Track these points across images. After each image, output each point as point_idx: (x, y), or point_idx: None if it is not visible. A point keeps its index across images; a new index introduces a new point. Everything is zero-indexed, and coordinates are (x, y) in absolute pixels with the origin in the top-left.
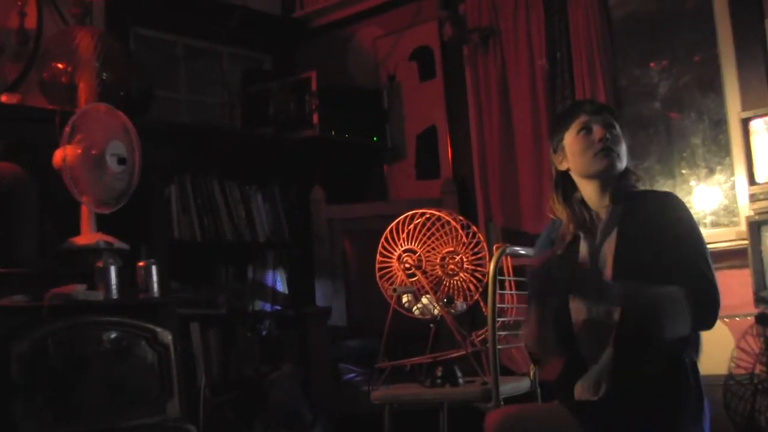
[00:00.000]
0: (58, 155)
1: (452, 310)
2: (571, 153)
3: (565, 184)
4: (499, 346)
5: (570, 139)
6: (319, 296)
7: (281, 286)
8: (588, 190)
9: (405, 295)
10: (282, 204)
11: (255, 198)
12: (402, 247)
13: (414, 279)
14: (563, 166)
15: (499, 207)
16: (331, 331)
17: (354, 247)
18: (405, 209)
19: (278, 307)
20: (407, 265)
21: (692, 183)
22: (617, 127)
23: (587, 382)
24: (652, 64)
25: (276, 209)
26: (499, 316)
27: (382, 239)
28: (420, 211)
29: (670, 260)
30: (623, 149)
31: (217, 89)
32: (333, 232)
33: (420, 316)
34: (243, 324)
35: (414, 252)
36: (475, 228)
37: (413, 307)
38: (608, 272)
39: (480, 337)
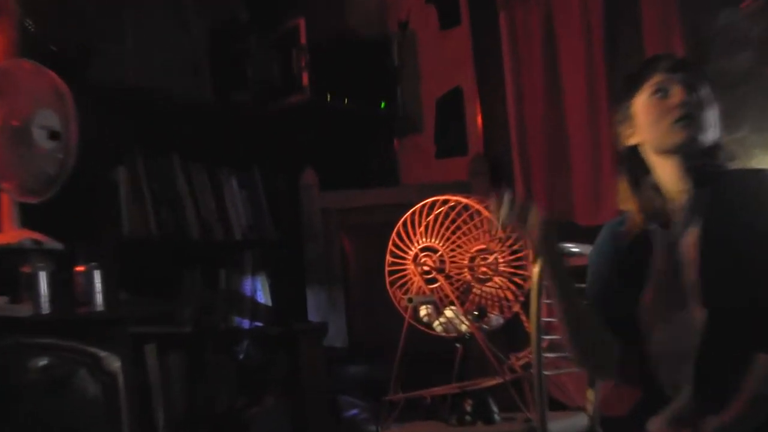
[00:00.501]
0: None
1: (485, 326)
2: (643, 122)
3: (634, 163)
4: (546, 372)
5: (641, 104)
6: (312, 309)
7: (263, 297)
8: (664, 170)
9: (423, 307)
10: (263, 191)
11: (228, 184)
12: (419, 244)
13: (435, 286)
14: (632, 140)
15: (545, 192)
16: (327, 354)
17: (357, 246)
18: (422, 196)
19: (259, 324)
20: (426, 268)
21: None
22: (702, 87)
23: (669, 418)
24: (743, 5)
25: (256, 198)
26: (547, 333)
27: (394, 235)
28: (442, 197)
29: None
30: (711, 116)
31: (180, 45)
32: (329, 226)
33: (443, 334)
34: (214, 345)
35: (434, 251)
36: None
37: (434, 321)
38: (690, 276)
39: (521, 361)
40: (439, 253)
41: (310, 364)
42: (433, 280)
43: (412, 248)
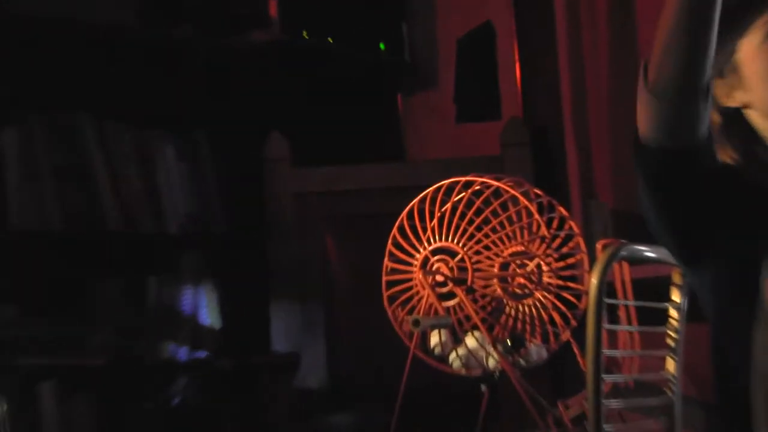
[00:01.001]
0: None
1: (521, 361)
2: (751, 76)
3: (736, 131)
4: (608, 428)
5: (748, 52)
6: (278, 334)
7: (208, 316)
8: None
9: (435, 333)
10: (212, 166)
11: (162, 154)
12: (430, 244)
13: (452, 303)
14: (734, 101)
15: (610, 173)
16: (300, 398)
17: (343, 246)
18: (436, 177)
19: (203, 355)
20: (440, 278)
21: None
22: None
23: None
24: None
25: (201, 175)
26: (609, 372)
27: (395, 230)
28: (463, 179)
29: None
30: None
31: None
32: (305, 217)
33: (462, 372)
34: (137, 385)
35: (452, 254)
36: (563, 210)
37: (450, 354)
38: None
39: (572, 411)
40: (459, 256)
41: (274, 412)
42: (450, 295)
43: (421, 250)
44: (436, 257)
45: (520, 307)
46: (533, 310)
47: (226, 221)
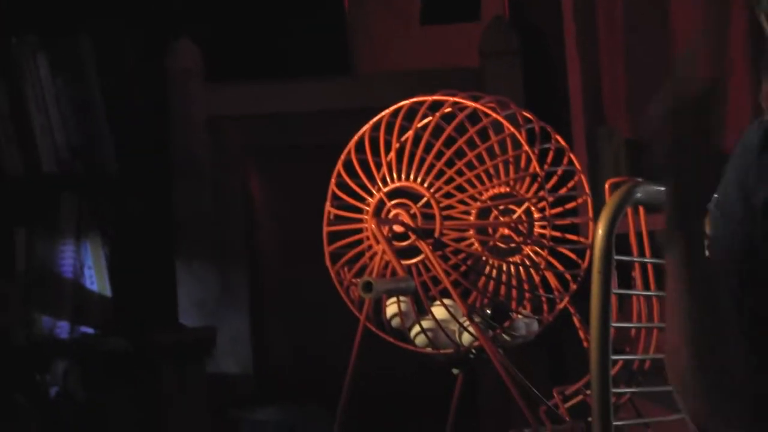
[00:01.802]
0: None
1: (506, 337)
2: None
3: None
4: (617, 423)
5: None
6: (187, 305)
7: (96, 281)
8: None
9: (392, 300)
10: (99, 81)
11: (32, 65)
12: (386, 184)
13: (415, 261)
14: None
15: (624, 92)
16: (216, 388)
17: (274, 188)
18: (394, 95)
19: (89, 330)
20: (399, 229)
21: None
22: None
23: None
24: None
25: (84, 94)
26: (619, 351)
27: (340, 166)
28: (430, 98)
29: None
30: None
31: None
32: (222, 148)
33: (427, 350)
34: (3, 371)
35: (415, 197)
36: (561, 140)
37: (411, 327)
38: None
39: (571, 401)
40: (423, 200)
41: (181, 406)
42: (413, 251)
43: (374, 192)
44: (393, 201)
45: (505, 267)
46: (521, 270)
47: (117, 155)
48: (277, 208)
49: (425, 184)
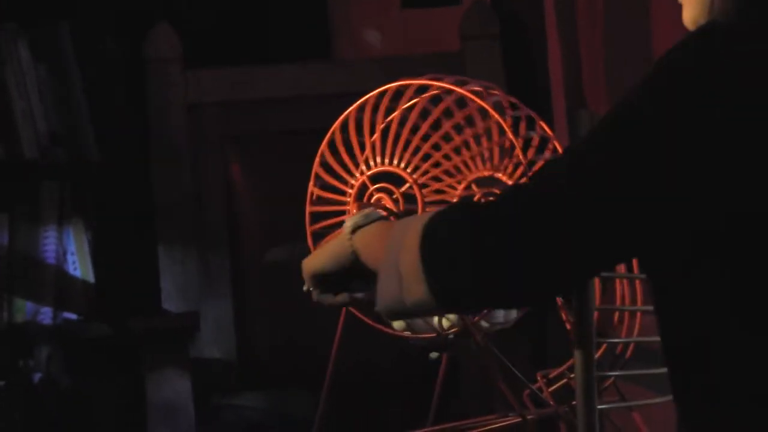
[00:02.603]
0: None
1: (483, 323)
2: None
3: None
4: (602, 407)
5: None
6: (170, 290)
7: (78, 267)
8: None
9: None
10: (79, 68)
11: (14, 53)
12: (369, 168)
13: None
14: None
15: (604, 75)
16: (198, 375)
17: (255, 175)
18: (374, 80)
19: (72, 316)
20: (382, 213)
21: None
22: None
23: None
24: None
25: (65, 81)
26: (602, 335)
27: (324, 145)
28: (418, 81)
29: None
30: None
31: None
32: (202, 135)
33: (406, 335)
34: None
35: (399, 180)
36: (543, 125)
37: None
38: None
39: (556, 384)
40: (407, 185)
41: (163, 391)
42: None
43: (357, 175)
44: (376, 185)
45: None
46: None
47: (98, 141)
48: (257, 194)
49: (408, 170)
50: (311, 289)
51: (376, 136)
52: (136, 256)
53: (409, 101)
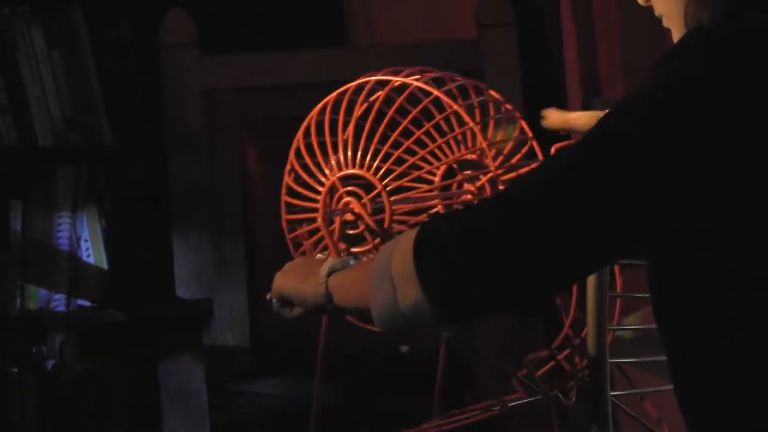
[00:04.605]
0: None
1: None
2: None
3: None
4: (615, 393)
5: None
6: (184, 277)
7: (92, 253)
8: None
9: None
10: (93, 54)
11: (27, 39)
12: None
13: (363, 249)
14: None
15: (620, 61)
16: (213, 361)
17: (267, 159)
18: (391, 66)
19: (86, 303)
20: (349, 217)
21: None
22: None
23: None
24: None
25: (80, 66)
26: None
27: (297, 139)
28: (373, 78)
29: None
30: None
31: None
32: (218, 121)
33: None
34: (1, 346)
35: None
36: (509, 106)
37: None
38: None
39: (543, 365)
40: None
41: (179, 378)
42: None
43: (328, 174)
44: (345, 189)
45: None
46: None
47: (112, 127)
48: (272, 180)
49: (371, 171)
50: (273, 300)
51: (347, 134)
52: (150, 242)
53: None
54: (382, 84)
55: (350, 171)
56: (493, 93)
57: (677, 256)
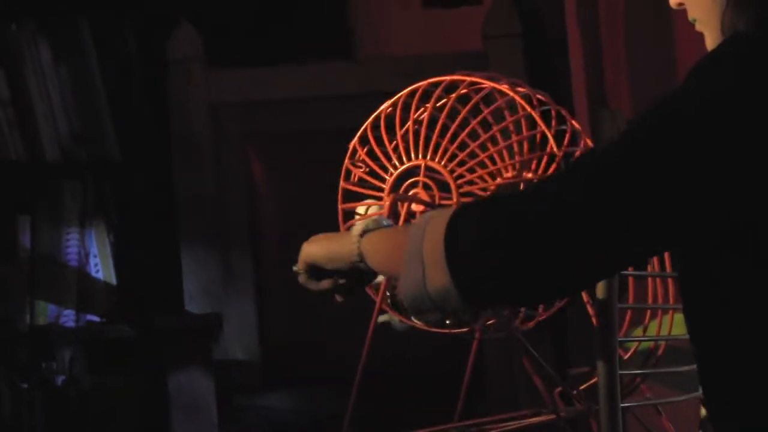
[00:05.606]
0: None
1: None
2: None
3: None
4: (625, 404)
5: None
6: (192, 291)
7: (100, 268)
8: None
9: None
10: (101, 68)
11: (34, 52)
12: (402, 163)
13: None
14: None
15: (626, 73)
16: (222, 376)
17: (273, 172)
18: (396, 80)
19: (95, 318)
20: (417, 208)
21: None
22: None
23: None
24: None
25: (86, 80)
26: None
27: (355, 142)
28: (448, 78)
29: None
30: None
31: None
32: (224, 134)
33: (432, 328)
34: (7, 358)
35: (431, 173)
36: (575, 123)
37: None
38: None
39: (581, 380)
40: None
41: (187, 391)
42: None
43: (390, 169)
44: (410, 180)
45: None
46: None
47: (120, 142)
48: (278, 193)
49: (443, 162)
50: (300, 272)
51: (406, 131)
52: (158, 257)
53: (438, 99)
54: (447, 90)
55: (415, 162)
56: (559, 108)
57: (722, 262)
